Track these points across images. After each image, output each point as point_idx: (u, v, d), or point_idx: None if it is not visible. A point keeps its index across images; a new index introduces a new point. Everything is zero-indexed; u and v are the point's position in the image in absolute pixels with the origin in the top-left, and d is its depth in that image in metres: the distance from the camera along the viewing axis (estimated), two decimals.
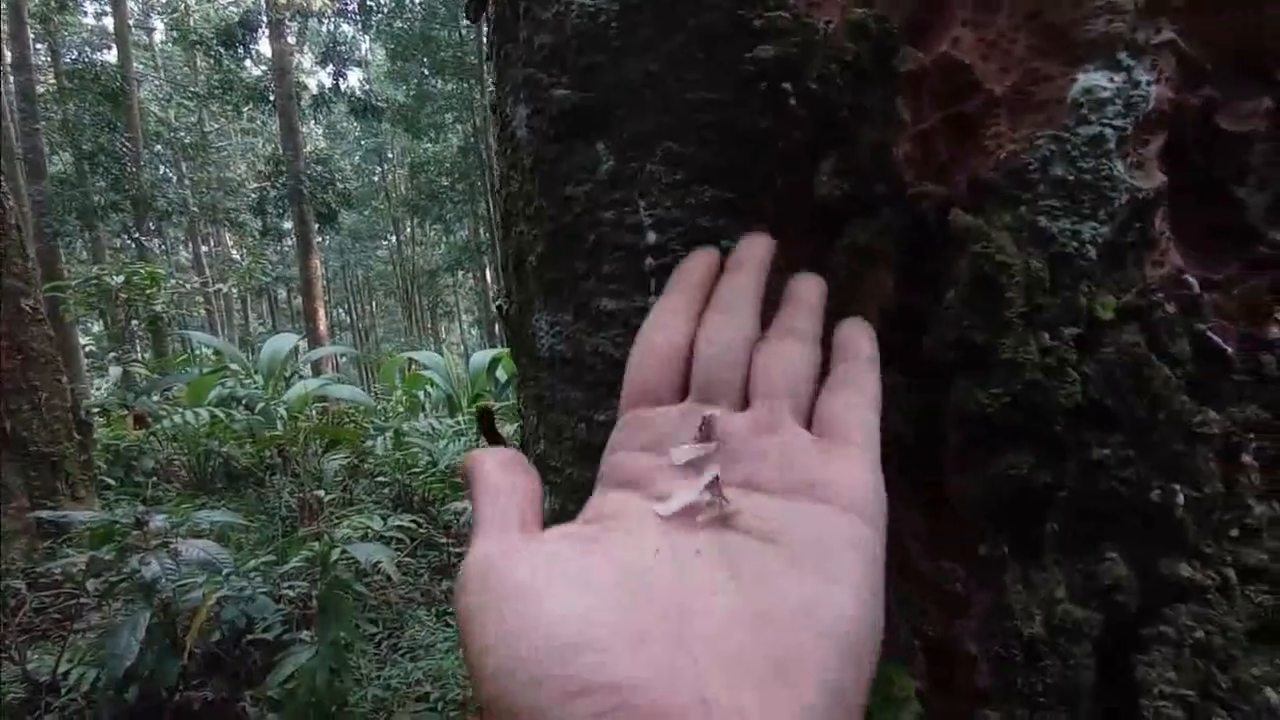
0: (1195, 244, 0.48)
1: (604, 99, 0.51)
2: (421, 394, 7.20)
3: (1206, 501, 0.47)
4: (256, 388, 5.28)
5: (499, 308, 0.67)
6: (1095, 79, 0.44)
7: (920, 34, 0.48)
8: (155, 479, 4.95)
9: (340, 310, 32.96)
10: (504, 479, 0.32)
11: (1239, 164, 0.47)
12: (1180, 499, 0.46)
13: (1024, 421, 0.43)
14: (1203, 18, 0.47)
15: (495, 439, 0.74)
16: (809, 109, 0.46)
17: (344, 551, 2.66)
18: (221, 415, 4.65)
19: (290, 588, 2.97)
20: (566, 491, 0.56)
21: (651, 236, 0.50)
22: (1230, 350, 0.47)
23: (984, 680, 0.47)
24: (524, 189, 0.58)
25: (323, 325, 14.02)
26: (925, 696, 0.47)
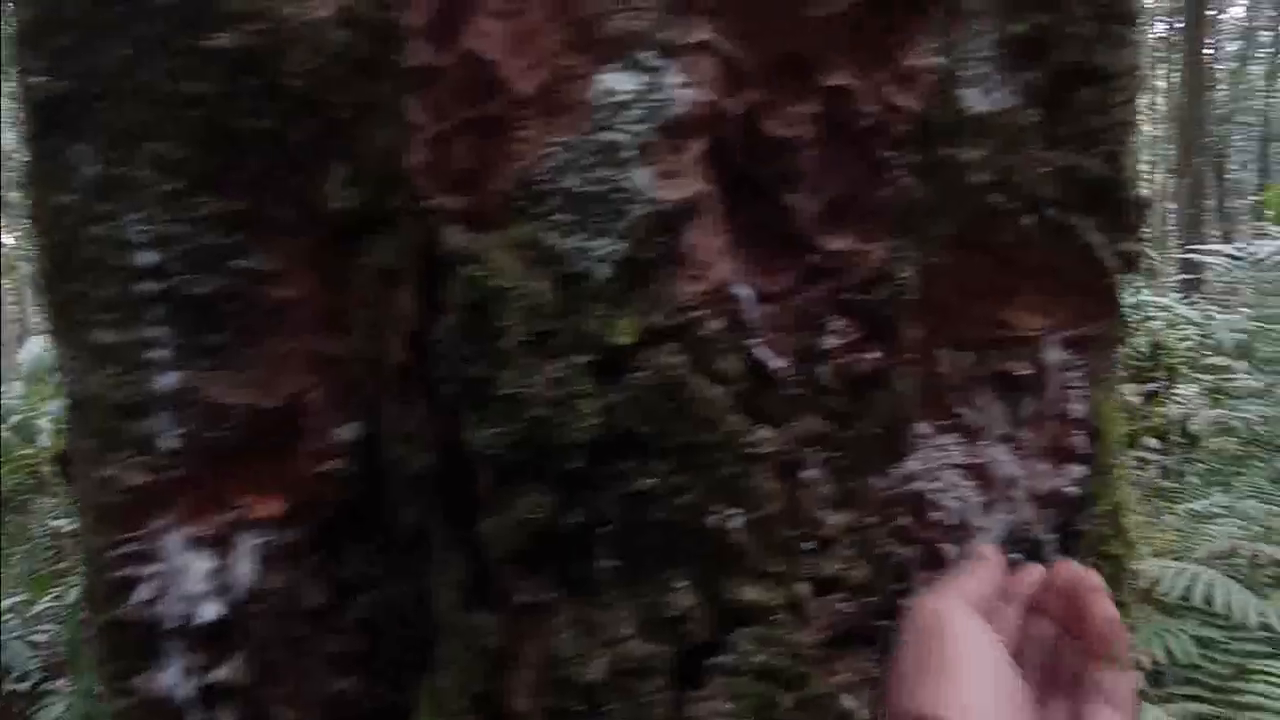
0: (754, 254, 0.47)
1: (79, 89, 0.42)
2: None
3: (768, 521, 0.46)
4: (17, 397, 4.60)
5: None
6: (617, 80, 0.40)
7: (448, 25, 0.42)
8: None
9: None
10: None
11: (789, 170, 0.46)
12: (737, 522, 0.45)
13: (535, 460, 0.39)
14: (742, 19, 0.44)
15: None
16: (300, 108, 0.39)
17: None
18: None
19: (43, 631, 2.62)
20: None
21: (148, 256, 0.42)
22: (778, 365, 0.45)
23: None
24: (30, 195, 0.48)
25: None
26: None
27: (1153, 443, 3.38)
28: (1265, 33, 19.60)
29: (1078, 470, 0.57)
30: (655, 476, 0.43)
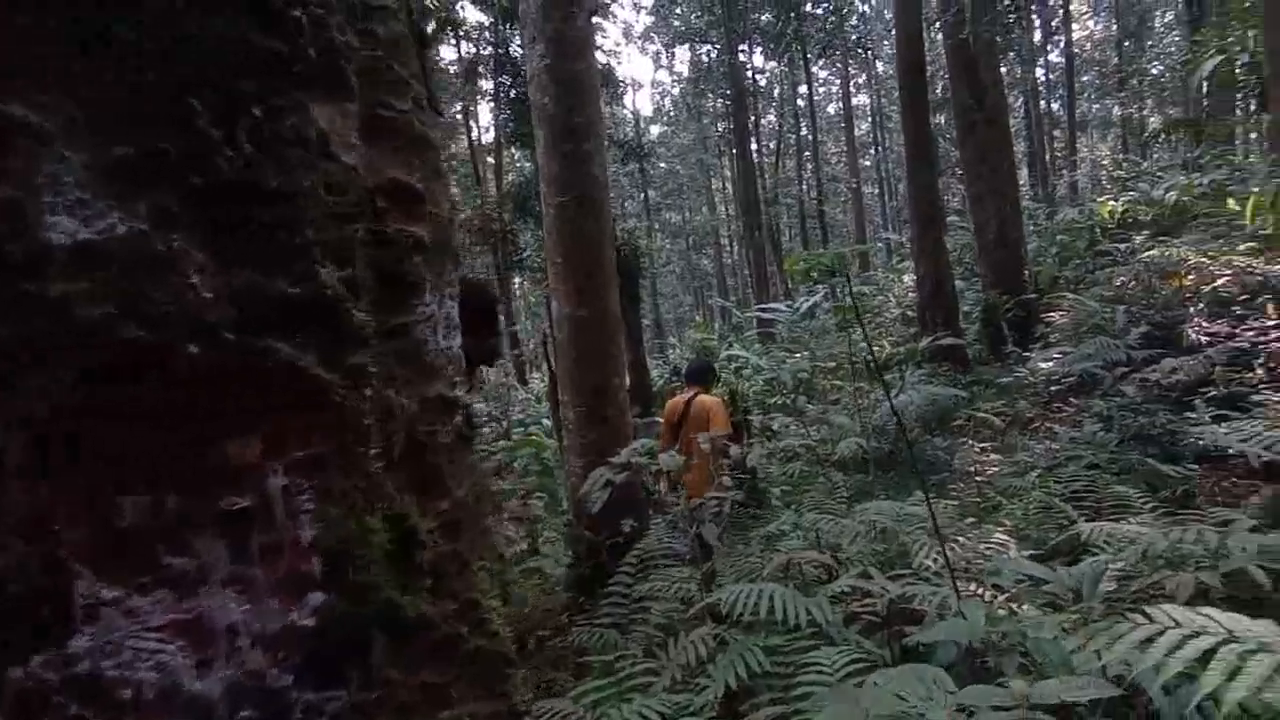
0: None
1: None
2: None
3: None
4: None
5: None
6: None
7: None
8: None
9: None
10: None
11: None
12: None
13: None
14: None
15: None
16: None
17: None
18: None
19: None
20: None
21: None
22: None
23: None
24: None
25: None
26: None
27: (726, 480, 3.87)
28: (792, 135, 25.19)
29: (317, 598, 0.54)
30: None
